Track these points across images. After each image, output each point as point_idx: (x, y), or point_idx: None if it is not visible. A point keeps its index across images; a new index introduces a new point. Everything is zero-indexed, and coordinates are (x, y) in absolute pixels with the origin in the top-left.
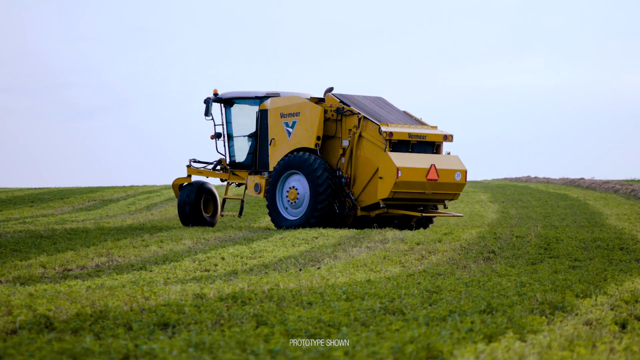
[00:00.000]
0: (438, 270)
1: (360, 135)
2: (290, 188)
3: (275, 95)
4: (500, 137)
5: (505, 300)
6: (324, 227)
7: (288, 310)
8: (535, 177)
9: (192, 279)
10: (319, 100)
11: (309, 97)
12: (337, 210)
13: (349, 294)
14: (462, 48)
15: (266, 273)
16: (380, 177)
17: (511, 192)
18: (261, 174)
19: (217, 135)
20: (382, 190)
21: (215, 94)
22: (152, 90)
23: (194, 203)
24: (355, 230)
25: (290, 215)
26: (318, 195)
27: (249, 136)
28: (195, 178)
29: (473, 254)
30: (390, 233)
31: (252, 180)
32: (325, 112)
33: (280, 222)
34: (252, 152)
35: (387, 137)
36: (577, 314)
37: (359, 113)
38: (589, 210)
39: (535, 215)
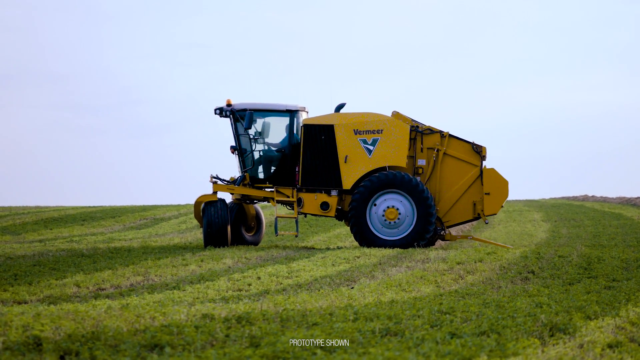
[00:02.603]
0: (470, 291)
1: (445, 155)
2: (388, 207)
3: (302, 109)
4: (559, 155)
5: (510, 322)
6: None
7: (289, 331)
8: (593, 196)
9: (221, 298)
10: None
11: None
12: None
13: (359, 314)
14: (524, 65)
15: (296, 293)
16: (487, 193)
17: (565, 211)
18: (325, 192)
19: (234, 149)
20: (492, 206)
21: (229, 105)
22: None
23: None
24: (398, 250)
25: (383, 234)
26: (429, 217)
27: (278, 151)
28: (219, 195)
29: (512, 273)
30: (433, 252)
31: (316, 198)
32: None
33: (374, 241)
34: (282, 167)
35: (484, 154)
36: (578, 336)
37: (441, 131)
38: None
39: (585, 235)
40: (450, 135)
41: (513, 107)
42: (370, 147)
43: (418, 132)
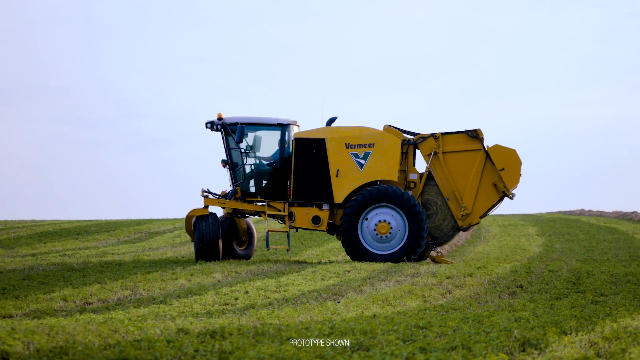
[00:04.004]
0: (455, 305)
1: (445, 154)
2: (380, 221)
3: (293, 123)
4: (557, 169)
5: (483, 337)
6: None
7: (261, 345)
8: (589, 211)
9: (206, 313)
10: None
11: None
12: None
13: (335, 329)
14: (519, 79)
15: (281, 307)
16: (502, 169)
17: (561, 225)
18: (317, 206)
19: (226, 163)
20: (512, 179)
21: (220, 118)
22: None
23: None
24: (389, 264)
25: (374, 248)
26: (420, 231)
27: (269, 165)
28: (210, 209)
29: (500, 288)
30: (424, 267)
31: (307, 212)
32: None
33: (366, 256)
34: (273, 181)
35: (482, 135)
36: (548, 351)
37: (432, 134)
38: (634, 244)
39: (578, 249)
40: (443, 134)
41: (509, 121)
42: (362, 161)
43: (411, 145)
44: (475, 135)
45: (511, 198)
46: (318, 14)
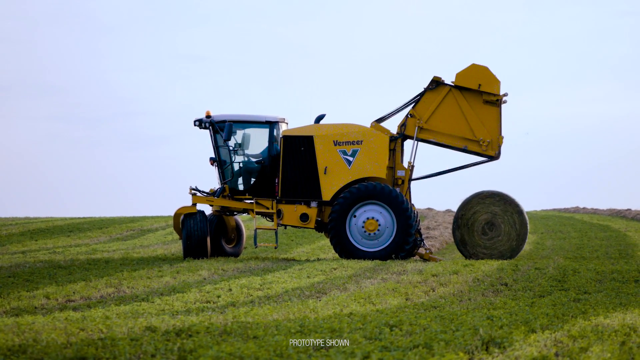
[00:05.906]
0: (436, 303)
1: (428, 120)
2: (368, 219)
3: (282, 121)
4: (552, 166)
5: (449, 336)
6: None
7: (224, 344)
8: (584, 208)
9: (186, 311)
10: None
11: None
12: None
13: (304, 327)
14: (515, 78)
15: (262, 305)
16: (479, 85)
17: (554, 223)
18: (305, 204)
19: (214, 160)
20: (492, 84)
21: (208, 116)
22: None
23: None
24: (376, 262)
25: (362, 246)
26: (408, 228)
27: (257, 162)
28: (198, 206)
29: (484, 286)
30: (411, 264)
31: (295, 209)
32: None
33: (354, 253)
34: (261, 178)
35: (441, 80)
36: (510, 350)
37: (406, 115)
38: (625, 242)
39: (569, 247)
40: (413, 107)
41: (505, 120)
42: (350, 158)
43: (399, 139)
44: (436, 84)
45: (505, 102)
46: (314, 13)
